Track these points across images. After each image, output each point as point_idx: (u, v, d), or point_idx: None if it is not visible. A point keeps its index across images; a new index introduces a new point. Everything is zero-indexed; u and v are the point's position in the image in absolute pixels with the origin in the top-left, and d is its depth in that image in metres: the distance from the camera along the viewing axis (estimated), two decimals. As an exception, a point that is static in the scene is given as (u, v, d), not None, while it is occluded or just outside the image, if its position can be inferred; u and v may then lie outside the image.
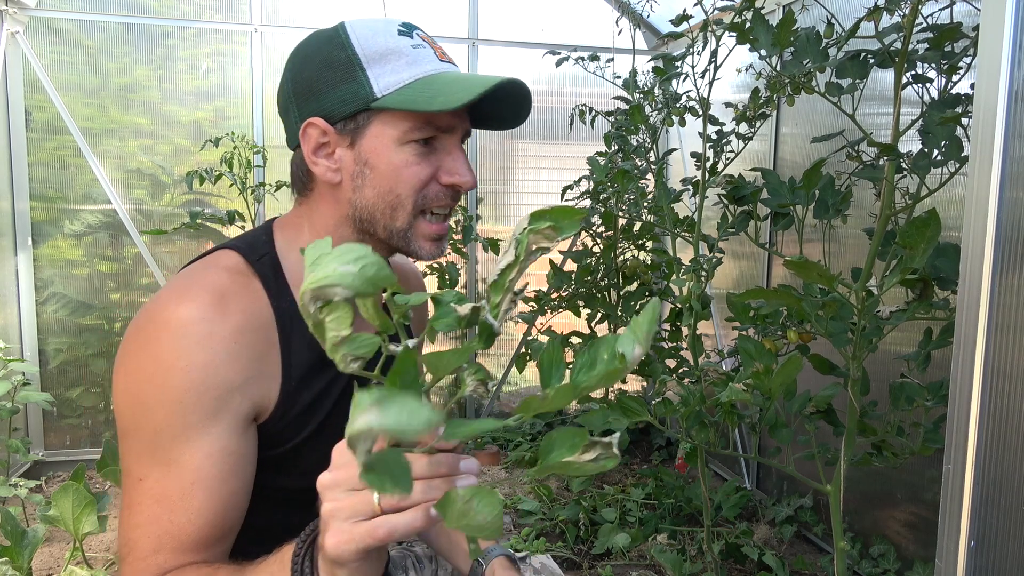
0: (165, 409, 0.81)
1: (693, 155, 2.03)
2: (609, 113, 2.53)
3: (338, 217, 0.93)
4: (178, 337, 0.81)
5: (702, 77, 1.96)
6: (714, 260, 1.94)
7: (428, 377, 0.56)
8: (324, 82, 0.87)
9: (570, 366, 0.51)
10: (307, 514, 0.97)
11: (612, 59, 2.52)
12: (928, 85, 1.48)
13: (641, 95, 2.28)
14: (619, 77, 2.41)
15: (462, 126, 0.91)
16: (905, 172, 1.47)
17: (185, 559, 0.83)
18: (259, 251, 0.93)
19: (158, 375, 0.81)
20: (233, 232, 3.27)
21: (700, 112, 1.98)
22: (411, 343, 0.56)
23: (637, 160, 2.43)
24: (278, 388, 0.90)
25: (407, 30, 0.89)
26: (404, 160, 0.87)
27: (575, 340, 2.76)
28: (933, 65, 1.45)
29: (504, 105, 0.91)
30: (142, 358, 0.83)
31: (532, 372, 3.54)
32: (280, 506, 0.93)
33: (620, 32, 2.57)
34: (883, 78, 2.22)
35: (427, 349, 0.65)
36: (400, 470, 0.46)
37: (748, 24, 1.59)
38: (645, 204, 2.48)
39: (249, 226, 3.10)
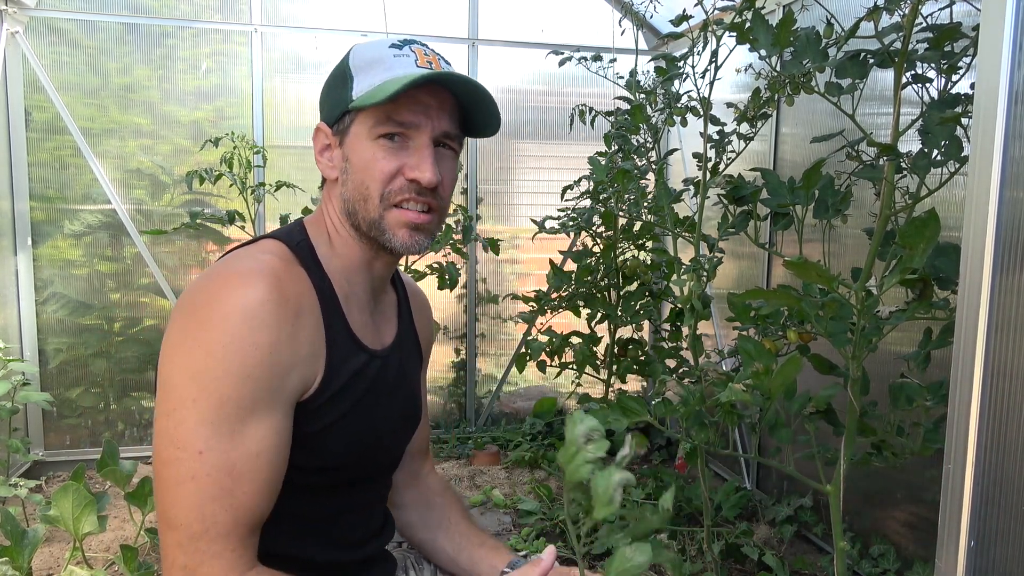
0: (233, 381, 0.84)
1: (695, 155, 2.03)
2: (609, 113, 2.53)
3: (339, 211, 1.01)
4: (248, 317, 0.86)
5: (702, 77, 1.96)
6: (714, 260, 1.94)
7: None
8: (327, 93, 1.00)
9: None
10: (321, 502, 1.00)
11: (615, 59, 2.52)
12: (928, 85, 1.48)
13: (643, 95, 2.27)
14: (621, 77, 2.41)
15: (431, 125, 0.96)
16: (905, 172, 1.47)
17: (245, 544, 0.87)
18: (295, 238, 1.00)
19: (228, 350, 0.84)
20: (233, 232, 3.27)
21: (701, 112, 1.98)
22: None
23: (637, 160, 2.43)
24: (322, 367, 0.95)
25: (401, 44, 0.97)
26: (372, 154, 0.95)
27: (575, 340, 2.76)
28: (933, 65, 1.45)
29: (478, 111, 0.99)
30: (208, 334, 0.85)
31: (532, 372, 3.54)
32: (297, 492, 0.96)
33: (623, 32, 2.57)
34: (883, 78, 2.22)
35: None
36: None
37: (748, 24, 1.59)
38: (645, 204, 2.48)
39: (249, 226, 3.10)
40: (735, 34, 1.63)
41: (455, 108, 0.99)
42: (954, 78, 1.44)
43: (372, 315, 1.06)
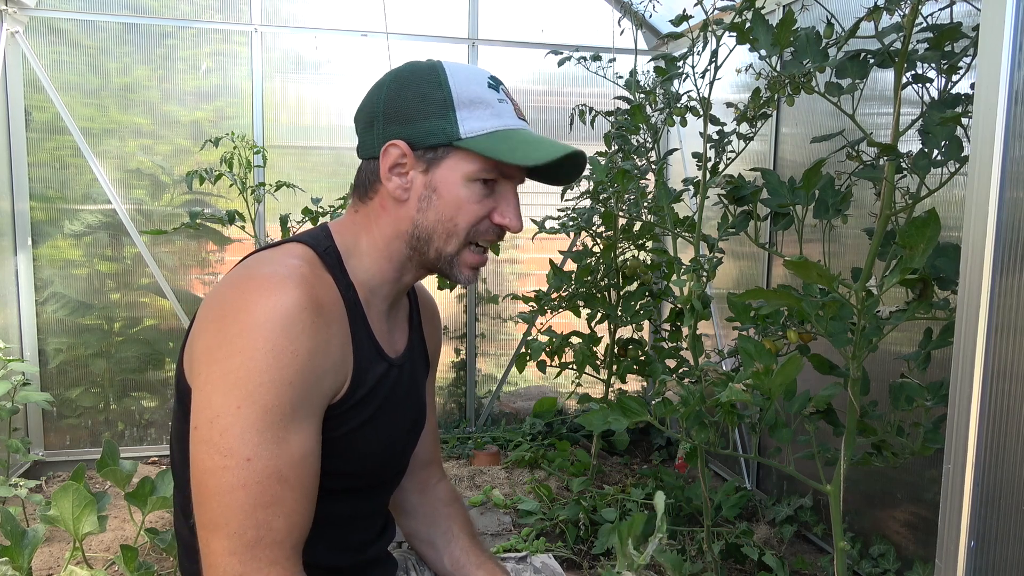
0: (277, 389, 0.85)
1: (695, 155, 2.03)
2: (609, 113, 2.52)
3: (395, 231, 1.01)
4: (287, 325, 0.86)
5: (702, 77, 1.96)
6: (714, 260, 1.94)
7: None
8: (416, 112, 0.96)
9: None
10: (332, 507, 1.01)
11: (614, 59, 2.52)
12: (928, 85, 1.48)
13: (643, 95, 2.27)
14: (620, 77, 2.41)
15: (520, 175, 1.02)
16: (905, 172, 1.47)
17: (297, 552, 0.89)
18: (323, 244, 1.00)
19: (268, 357, 0.85)
20: (233, 232, 3.27)
21: (701, 112, 1.98)
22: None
23: (637, 160, 2.42)
24: (350, 373, 0.97)
25: (495, 84, 1.00)
26: (468, 195, 0.97)
27: (575, 340, 2.76)
28: (933, 65, 1.45)
29: (561, 169, 1.02)
30: (246, 341, 0.85)
31: (532, 372, 3.54)
32: (324, 495, 0.96)
33: (622, 32, 2.57)
34: (883, 78, 2.22)
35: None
36: None
37: (748, 24, 1.59)
38: (645, 204, 2.48)
39: (249, 226, 3.10)
40: (735, 34, 1.63)
41: None
42: (954, 78, 1.44)
43: (388, 323, 1.08)
